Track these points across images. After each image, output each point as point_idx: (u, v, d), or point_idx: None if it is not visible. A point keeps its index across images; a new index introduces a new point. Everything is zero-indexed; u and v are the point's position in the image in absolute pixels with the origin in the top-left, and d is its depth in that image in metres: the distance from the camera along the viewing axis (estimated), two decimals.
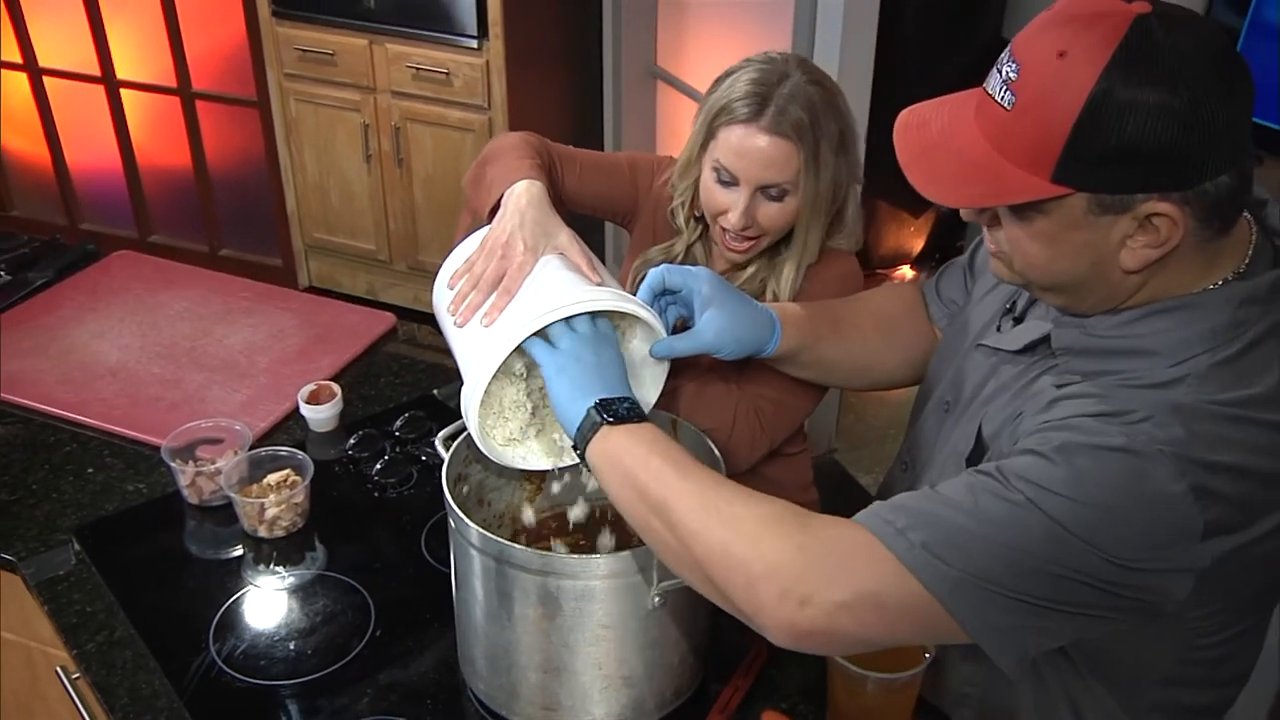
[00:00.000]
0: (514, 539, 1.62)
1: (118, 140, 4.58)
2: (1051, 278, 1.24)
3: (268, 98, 4.21)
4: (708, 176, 1.74)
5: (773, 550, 1.18)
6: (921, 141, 1.24)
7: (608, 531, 1.66)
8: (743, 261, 1.83)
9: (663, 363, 1.54)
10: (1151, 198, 1.12)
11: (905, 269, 4.68)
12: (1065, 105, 1.10)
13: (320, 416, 2.06)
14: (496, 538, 1.38)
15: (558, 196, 1.83)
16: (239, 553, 1.82)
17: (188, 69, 4.35)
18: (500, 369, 1.40)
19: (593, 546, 1.66)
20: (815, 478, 2.10)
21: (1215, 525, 1.14)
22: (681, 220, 1.88)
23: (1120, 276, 1.20)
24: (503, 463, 1.50)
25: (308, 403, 2.06)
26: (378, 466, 1.98)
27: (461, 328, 1.49)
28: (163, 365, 2.23)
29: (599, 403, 1.31)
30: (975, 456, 1.38)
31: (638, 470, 1.27)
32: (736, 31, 3.73)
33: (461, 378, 1.47)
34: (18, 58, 4.52)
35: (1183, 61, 1.08)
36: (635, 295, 1.51)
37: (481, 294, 1.49)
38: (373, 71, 3.97)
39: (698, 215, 1.85)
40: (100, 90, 4.49)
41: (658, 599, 1.39)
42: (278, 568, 1.80)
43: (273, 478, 1.85)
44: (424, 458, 1.99)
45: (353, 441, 2.03)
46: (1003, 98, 1.15)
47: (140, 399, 2.13)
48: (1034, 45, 1.14)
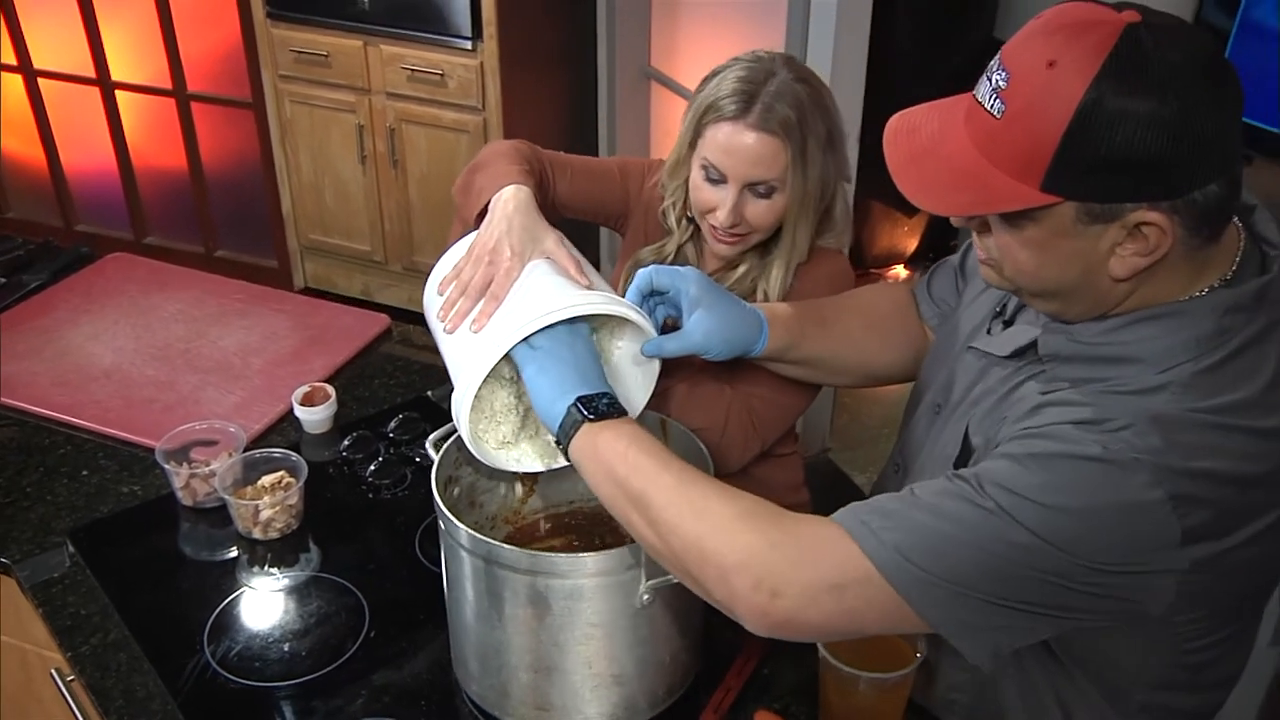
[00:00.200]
0: (507, 541, 1.62)
1: (113, 142, 4.58)
2: (1041, 284, 1.24)
3: (263, 99, 4.21)
4: (696, 174, 1.75)
5: (745, 543, 1.21)
6: (911, 148, 1.24)
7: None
8: (733, 259, 1.83)
9: (653, 363, 1.54)
10: (1141, 207, 1.12)
11: (899, 269, 4.68)
12: (1055, 115, 1.10)
13: (314, 418, 2.06)
14: (485, 538, 1.39)
15: (550, 203, 1.83)
16: (233, 554, 1.82)
17: (182, 71, 4.35)
18: (490, 374, 1.40)
19: (586, 547, 1.66)
20: (809, 477, 2.10)
21: (1195, 532, 1.15)
22: (672, 220, 1.88)
23: (1109, 284, 1.20)
24: (496, 465, 1.50)
25: (302, 404, 2.05)
26: (372, 468, 1.98)
27: (451, 334, 1.50)
28: (157, 367, 2.22)
29: (579, 399, 1.33)
30: (962, 460, 1.39)
31: (617, 464, 1.29)
32: (730, 32, 3.73)
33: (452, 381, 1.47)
34: (13, 60, 4.52)
35: (1172, 72, 1.08)
36: (624, 296, 1.52)
37: (470, 300, 1.50)
38: (367, 73, 3.97)
39: (689, 215, 1.85)
40: (95, 92, 4.49)
41: (646, 597, 1.39)
42: (272, 569, 1.79)
43: (267, 479, 1.85)
44: (418, 459, 1.99)
45: (347, 443, 2.03)
46: (992, 106, 1.15)
47: (135, 401, 2.13)
48: (1023, 54, 1.14)
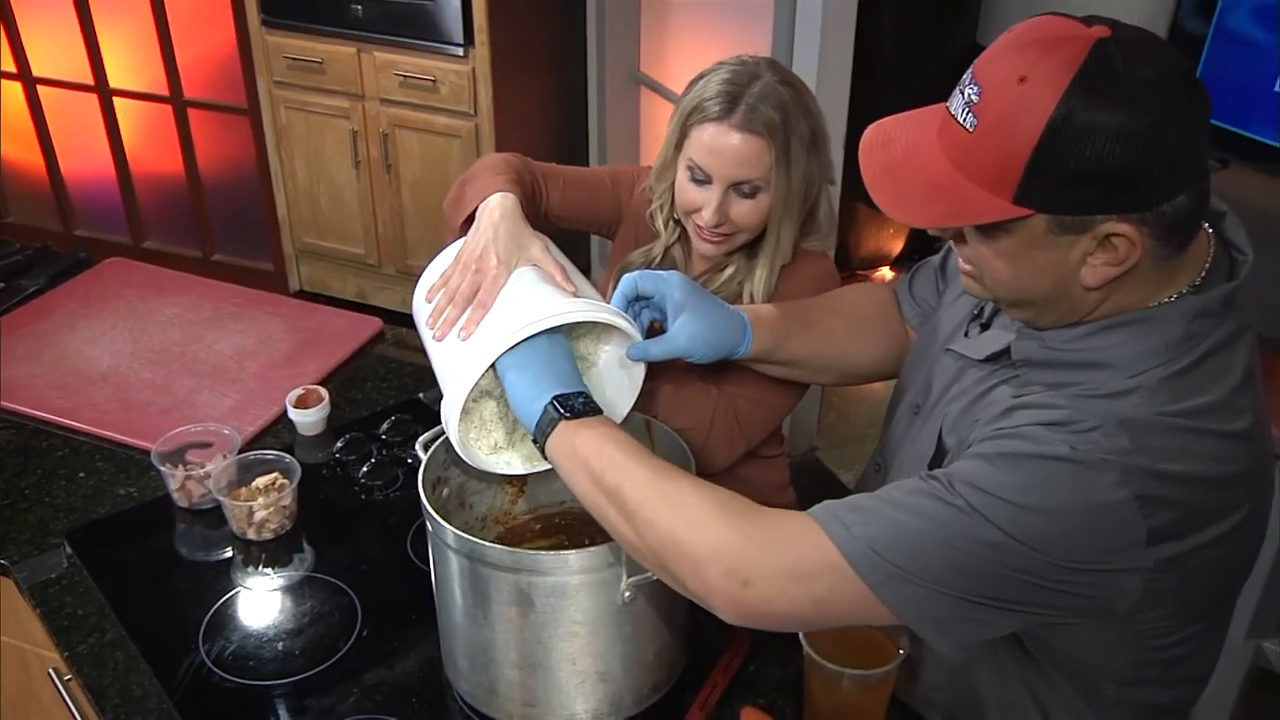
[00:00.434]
0: (497, 542, 1.61)
1: (111, 148, 4.57)
2: (1016, 293, 1.25)
3: (258, 105, 4.20)
4: (682, 175, 1.75)
5: (717, 535, 1.22)
6: (886, 160, 1.25)
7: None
8: (719, 261, 1.84)
9: (639, 366, 1.54)
10: (1111, 218, 1.13)
11: (885, 270, 4.68)
12: (1026, 129, 1.10)
13: (308, 420, 2.06)
14: (470, 537, 1.39)
15: (543, 214, 1.84)
16: (228, 555, 1.82)
17: (179, 77, 4.34)
18: (479, 381, 1.40)
19: (575, 547, 1.65)
20: (796, 475, 2.10)
21: (1160, 532, 1.15)
22: (660, 223, 1.88)
23: (1081, 293, 1.21)
24: (487, 469, 1.50)
25: (295, 407, 2.06)
26: (364, 469, 1.98)
27: (439, 341, 1.50)
28: (153, 370, 2.22)
29: (556, 398, 1.34)
30: (936, 460, 1.40)
31: (593, 461, 1.30)
32: (717, 38, 3.73)
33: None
34: (12, 67, 4.51)
35: (1141, 86, 1.08)
36: (611, 301, 1.52)
37: (458, 308, 1.50)
38: (361, 79, 3.97)
39: (676, 217, 1.85)
40: (93, 99, 4.48)
41: (627, 594, 1.40)
42: (266, 569, 1.80)
43: (261, 481, 1.85)
44: (410, 460, 1.99)
45: (340, 445, 2.03)
46: (965, 119, 1.15)
47: (131, 404, 2.13)
48: (995, 68, 1.14)
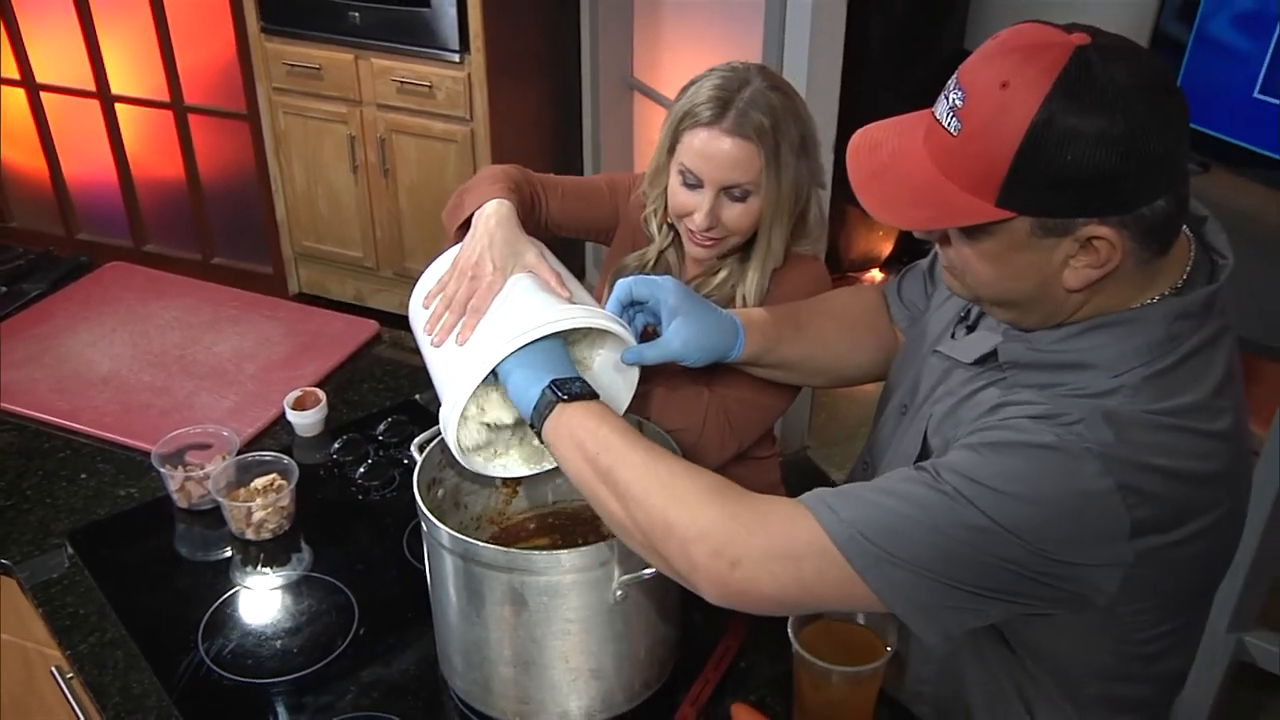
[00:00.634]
0: (492, 541, 1.61)
1: (113, 153, 4.57)
2: (999, 295, 1.26)
3: (257, 111, 4.20)
4: (674, 180, 1.75)
5: (706, 515, 1.23)
6: (873, 164, 1.26)
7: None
8: (712, 264, 1.84)
9: (632, 370, 1.54)
10: (1091, 221, 1.14)
11: (874, 272, 4.68)
12: (1008, 134, 1.11)
13: (305, 422, 2.06)
14: (463, 537, 1.39)
15: (542, 224, 1.84)
16: (227, 555, 1.82)
17: (180, 84, 4.34)
18: (477, 390, 1.41)
19: (569, 546, 1.65)
20: (788, 474, 2.10)
21: (1143, 524, 1.16)
22: (654, 227, 1.88)
23: (1064, 295, 1.22)
24: (485, 473, 1.51)
25: (293, 408, 2.05)
26: (361, 470, 1.98)
27: (437, 347, 1.50)
28: (153, 373, 2.22)
29: (553, 382, 1.34)
30: (921, 459, 1.40)
31: (588, 441, 1.30)
32: (709, 43, 3.73)
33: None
34: (15, 74, 4.51)
35: (1120, 92, 1.09)
36: (605, 306, 1.52)
37: (454, 315, 1.50)
38: (358, 85, 3.97)
39: (669, 222, 1.85)
40: (95, 105, 4.48)
41: (619, 592, 1.40)
42: (265, 569, 1.79)
43: (259, 482, 1.85)
44: (406, 461, 1.99)
45: (337, 446, 2.03)
46: (949, 124, 1.16)
47: (131, 406, 2.13)
48: (979, 74, 1.15)
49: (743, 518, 1.23)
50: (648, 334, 1.58)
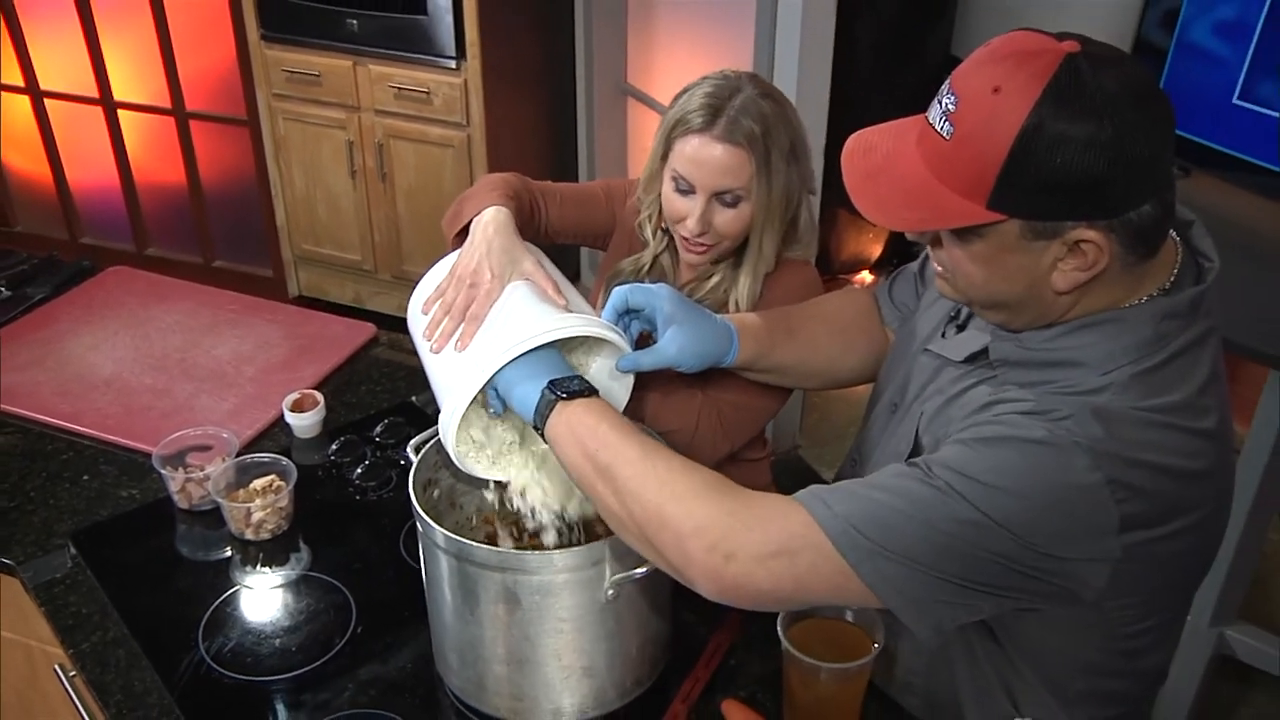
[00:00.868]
0: (487, 541, 1.61)
1: (115, 158, 4.57)
2: (989, 296, 1.26)
3: (257, 117, 4.20)
4: (667, 186, 1.75)
5: (702, 510, 1.23)
6: (867, 167, 1.26)
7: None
8: (705, 269, 1.84)
9: (628, 376, 1.54)
10: (1080, 225, 1.14)
11: (865, 274, 4.69)
12: (999, 138, 1.11)
13: (304, 424, 2.05)
14: (458, 537, 1.39)
15: (541, 231, 1.84)
16: (227, 555, 1.82)
17: (181, 90, 4.34)
18: (475, 399, 1.41)
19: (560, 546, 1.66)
20: (780, 473, 2.10)
21: (1131, 519, 1.16)
22: (648, 233, 1.88)
23: (1052, 297, 1.22)
24: (483, 477, 1.50)
25: (292, 410, 2.05)
26: (358, 471, 1.97)
27: (436, 354, 1.50)
28: (154, 376, 2.22)
29: (552, 382, 1.35)
30: (914, 455, 1.40)
31: (587, 438, 1.30)
32: (701, 50, 3.74)
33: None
34: (20, 81, 4.50)
35: (1108, 98, 1.09)
36: (601, 312, 1.52)
37: (453, 321, 1.50)
38: (357, 91, 3.96)
39: (663, 227, 1.85)
40: (98, 111, 4.48)
41: (611, 591, 1.40)
42: (264, 569, 1.79)
43: (259, 483, 1.85)
44: (403, 462, 1.98)
45: (335, 447, 2.03)
46: (942, 128, 1.16)
47: (133, 408, 2.12)
48: (971, 80, 1.15)
49: (738, 513, 1.23)
50: (643, 341, 1.58)
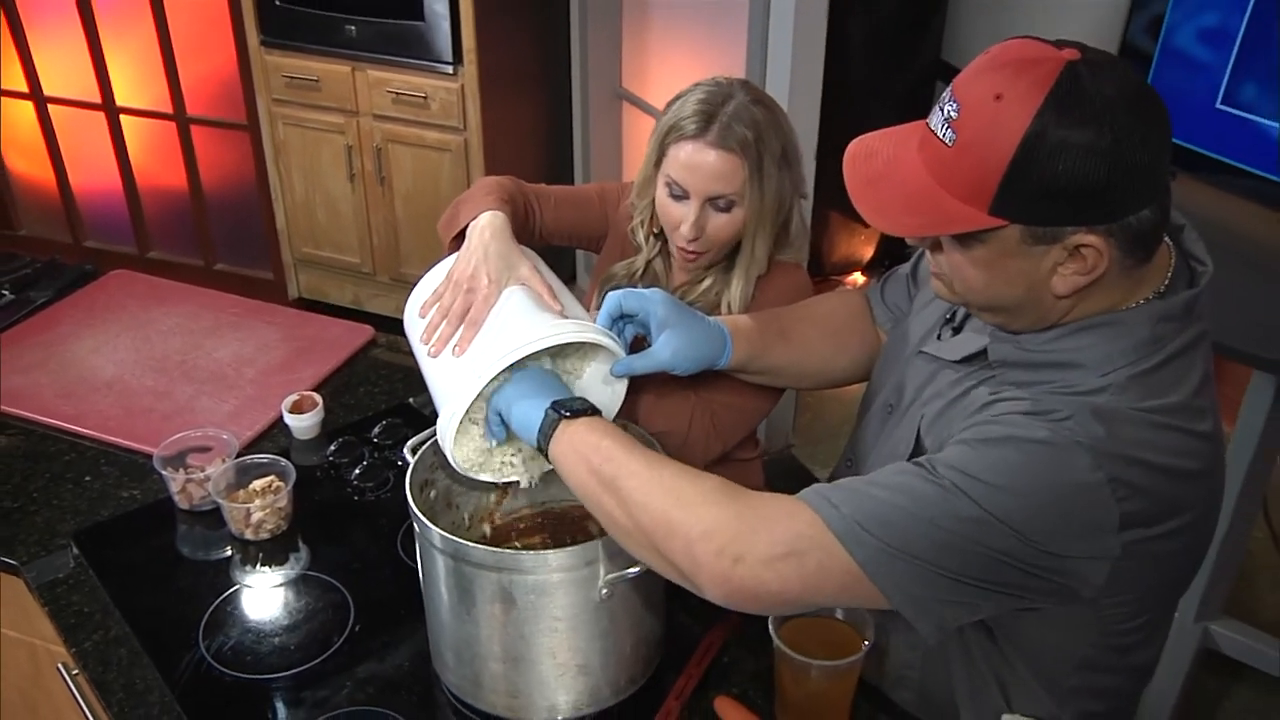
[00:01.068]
0: (483, 541, 1.61)
1: (118, 163, 4.56)
2: (989, 300, 1.26)
3: (257, 122, 4.19)
4: (661, 192, 1.75)
5: (710, 514, 1.23)
6: (868, 172, 1.26)
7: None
8: (698, 273, 1.83)
9: (622, 379, 1.54)
10: (1080, 230, 1.14)
11: (857, 275, 4.69)
12: (1002, 144, 1.12)
13: (303, 425, 2.05)
14: (454, 538, 1.39)
15: (536, 233, 1.84)
16: (227, 554, 1.81)
17: (182, 96, 4.33)
18: (474, 404, 1.41)
19: (556, 546, 1.65)
20: (773, 472, 2.10)
21: (1131, 518, 1.17)
22: (641, 237, 1.88)
23: (1052, 300, 1.22)
24: (481, 479, 1.50)
25: (291, 412, 2.05)
26: (357, 471, 1.97)
27: (434, 357, 1.50)
28: (155, 378, 2.21)
29: (554, 403, 1.35)
30: (914, 456, 1.39)
31: (591, 455, 1.30)
32: (695, 56, 3.74)
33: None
34: (24, 87, 4.49)
35: (1107, 105, 1.10)
36: (596, 316, 1.52)
37: (451, 326, 1.50)
38: (355, 96, 3.96)
39: (656, 232, 1.85)
40: (101, 116, 4.46)
41: (605, 590, 1.40)
42: (263, 568, 1.79)
43: (258, 483, 1.84)
44: (400, 463, 1.98)
45: (333, 448, 2.02)
46: (944, 135, 1.17)
47: (134, 410, 2.12)
48: (973, 87, 1.15)
49: (745, 516, 1.22)
50: (638, 344, 1.58)
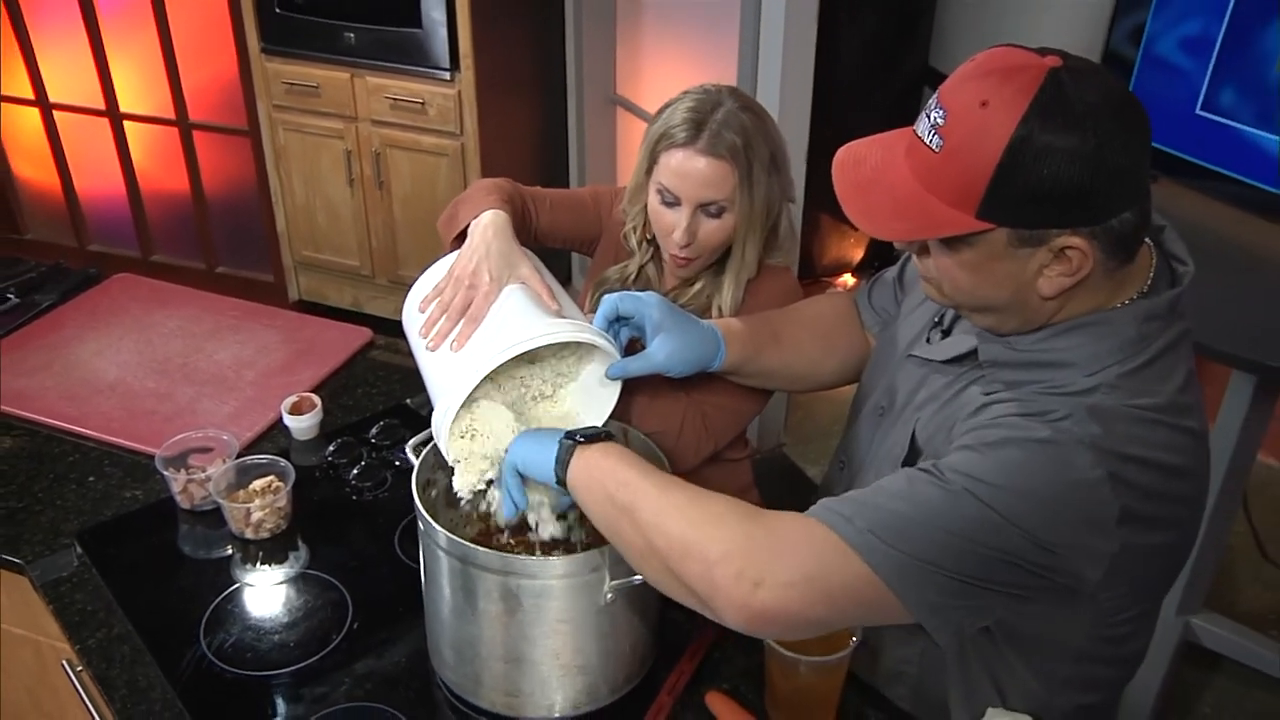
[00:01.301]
0: (480, 538, 1.61)
1: (122, 168, 4.55)
2: (977, 301, 1.26)
3: (258, 127, 4.18)
4: (653, 199, 1.74)
5: (727, 537, 1.21)
6: (857, 178, 1.26)
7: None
8: (690, 278, 1.83)
9: (616, 382, 1.54)
10: (1065, 232, 1.15)
11: (847, 277, 4.69)
12: (988, 150, 1.12)
13: (302, 426, 2.05)
14: (462, 541, 1.38)
15: (532, 235, 1.83)
16: (228, 553, 1.81)
17: (185, 102, 4.32)
18: (473, 410, 1.41)
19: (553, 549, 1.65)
20: (765, 471, 2.10)
21: (1129, 512, 1.17)
22: (634, 243, 1.87)
23: (1038, 302, 1.23)
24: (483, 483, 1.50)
25: (290, 413, 2.04)
26: (355, 471, 1.96)
27: (432, 352, 1.50)
28: (157, 380, 2.21)
29: (567, 433, 1.35)
30: (910, 459, 1.40)
31: (607, 480, 1.30)
32: (687, 62, 3.74)
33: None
34: (30, 94, 4.48)
35: (1090, 111, 1.10)
36: (592, 319, 1.52)
37: (450, 321, 1.50)
38: (354, 102, 3.95)
39: (649, 237, 1.84)
40: (105, 122, 4.46)
41: (610, 595, 1.39)
42: (263, 567, 1.79)
43: (258, 483, 1.84)
44: (397, 463, 1.98)
45: (332, 449, 2.02)
46: (931, 141, 1.17)
47: (136, 412, 2.11)
48: (959, 94, 1.16)
49: (761, 538, 1.21)
50: (633, 347, 1.58)
